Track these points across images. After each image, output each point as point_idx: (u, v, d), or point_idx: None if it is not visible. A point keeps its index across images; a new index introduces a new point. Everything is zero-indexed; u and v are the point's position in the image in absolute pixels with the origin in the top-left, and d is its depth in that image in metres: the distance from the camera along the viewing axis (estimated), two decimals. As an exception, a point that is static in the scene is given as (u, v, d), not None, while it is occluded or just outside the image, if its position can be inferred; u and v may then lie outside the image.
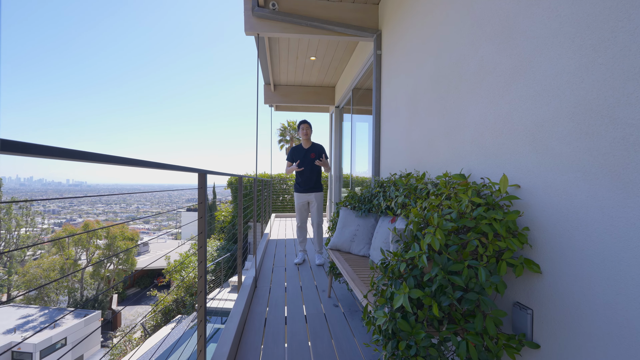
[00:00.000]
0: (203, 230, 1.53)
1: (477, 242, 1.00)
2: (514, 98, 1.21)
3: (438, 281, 0.99)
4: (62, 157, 0.60)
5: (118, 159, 0.80)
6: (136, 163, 0.92)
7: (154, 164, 1.09)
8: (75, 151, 0.64)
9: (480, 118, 1.42)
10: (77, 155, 0.64)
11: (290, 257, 4.02)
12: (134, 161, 0.89)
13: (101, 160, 0.72)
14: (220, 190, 20.92)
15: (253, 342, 1.92)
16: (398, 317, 1.06)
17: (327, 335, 2.00)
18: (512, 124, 1.21)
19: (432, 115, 1.90)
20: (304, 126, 3.48)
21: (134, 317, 17.78)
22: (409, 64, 2.29)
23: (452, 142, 1.65)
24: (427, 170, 1.96)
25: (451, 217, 1.07)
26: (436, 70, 1.86)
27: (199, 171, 1.51)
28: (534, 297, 1.09)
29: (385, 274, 1.18)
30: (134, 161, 0.89)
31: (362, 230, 2.39)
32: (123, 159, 0.83)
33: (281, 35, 2.91)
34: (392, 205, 1.85)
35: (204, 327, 1.51)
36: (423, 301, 1.03)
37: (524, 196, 1.14)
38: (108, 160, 0.75)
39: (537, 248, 1.08)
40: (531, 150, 1.11)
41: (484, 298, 0.97)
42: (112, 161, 0.77)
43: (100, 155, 0.71)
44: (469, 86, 1.51)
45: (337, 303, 2.52)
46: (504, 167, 1.26)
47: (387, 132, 2.78)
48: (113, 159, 0.77)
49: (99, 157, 0.71)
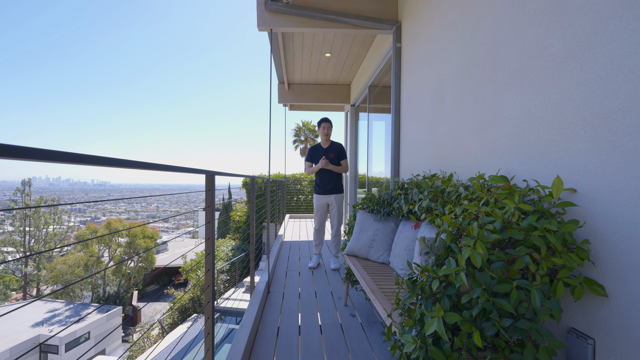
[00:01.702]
0: (211, 236, 1.42)
1: (528, 258, 0.83)
2: (567, 86, 1.02)
3: (480, 305, 0.83)
4: (64, 161, 0.60)
5: (122, 161, 0.78)
6: (142, 166, 0.89)
7: (160, 166, 1.02)
8: (78, 155, 0.63)
9: (522, 111, 1.23)
10: (80, 160, 0.63)
11: (305, 260, 3.90)
12: (140, 164, 0.88)
13: (107, 164, 0.71)
14: (236, 190, 21.13)
15: (265, 353, 1.81)
16: (430, 344, 0.90)
17: (344, 349, 1.86)
18: (566, 116, 1.03)
19: (461, 109, 1.72)
20: (325, 125, 3.33)
21: (152, 314, 18.25)
22: (433, 55, 2.11)
23: (486, 138, 1.47)
24: (454, 170, 1.78)
25: (494, 228, 0.90)
26: (466, 60, 1.68)
27: (206, 172, 1.40)
28: (597, 325, 0.90)
29: (414, 291, 1.02)
30: (140, 164, 0.88)
31: (381, 235, 2.23)
32: (128, 161, 0.81)
33: (295, 30, 2.79)
34: (416, 210, 1.68)
35: (212, 340, 1.40)
36: (461, 327, 0.86)
37: (582, 202, 0.95)
38: (113, 163, 0.74)
39: (601, 266, 0.89)
40: (592, 147, 0.93)
41: (538, 328, 0.80)
42: (117, 164, 0.76)
43: (105, 158, 0.70)
44: (508, 75, 1.32)
45: (354, 312, 2.36)
46: (554, 168, 1.07)
47: (408, 130, 2.60)
48: (118, 162, 0.75)
49: (104, 161, 0.70)
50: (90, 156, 0.67)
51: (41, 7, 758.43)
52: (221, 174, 1.56)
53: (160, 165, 1.02)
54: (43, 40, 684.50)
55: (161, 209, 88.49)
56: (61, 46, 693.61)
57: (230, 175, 1.75)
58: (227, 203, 20.45)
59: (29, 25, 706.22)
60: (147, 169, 0.94)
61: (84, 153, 0.65)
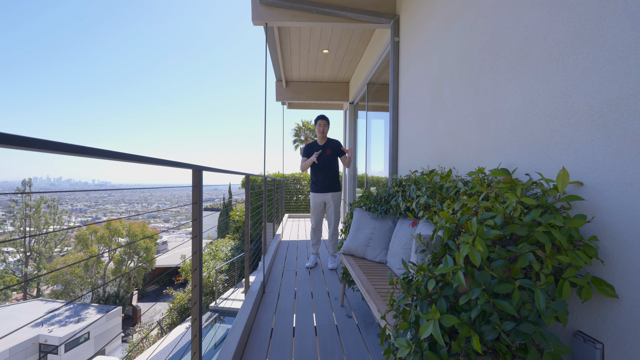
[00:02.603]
0: (198, 233, 1.36)
1: (532, 256, 0.76)
2: (573, 72, 0.96)
3: (480, 306, 0.76)
4: (52, 150, 0.60)
5: (109, 153, 0.77)
6: (128, 158, 0.86)
7: (146, 158, 0.98)
8: (69, 145, 0.63)
9: (524, 101, 1.16)
10: (70, 149, 0.64)
11: (302, 259, 3.83)
12: (127, 156, 0.86)
13: (93, 155, 0.71)
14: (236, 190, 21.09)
15: (257, 355, 1.74)
16: (425, 349, 0.84)
17: (339, 351, 1.79)
18: (571, 105, 0.96)
19: (460, 102, 1.65)
20: (321, 122, 3.27)
21: (152, 314, 18.21)
22: (432, 47, 2.04)
23: (486, 131, 1.40)
24: (454, 166, 1.71)
25: (495, 223, 0.84)
26: (465, 51, 1.61)
27: (193, 167, 1.34)
28: (606, 328, 0.84)
29: (408, 291, 0.95)
30: (127, 156, 0.86)
31: (379, 233, 2.17)
32: (116, 153, 0.80)
33: (291, 24, 2.72)
34: (413, 207, 1.62)
35: (199, 344, 1.34)
36: (459, 330, 0.80)
37: (590, 196, 0.89)
38: (100, 154, 0.73)
39: (611, 264, 0.83)
40: (600, 136, 0.86)
41: (543, 332, 0.73)
42: (104, 155, 0.75)
43: (92, 149, 0.70)
44: (509, 64, 1.25)
45: (351, 313, 2.30)
46: (558, 160, 1.00)
47: (406, 126, 2.53)
48: (104, 153, 0.75)
49: (91, 152, 0.70)
50: (79, 147, 0.66)
51: (42, 7, 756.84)
52: (209, 170, 1.50)
53: (146, 158, 0.98)
54: (44, 41, 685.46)
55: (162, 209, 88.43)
56: (62, 46, 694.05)
57: (220, 171, 1.69)
58: (227, 203, 20.40)
59: (31, 26, 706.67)
60: (133, 161, 0.90)
61: (75, 144, 0.65)
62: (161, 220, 62.87)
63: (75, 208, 74.86)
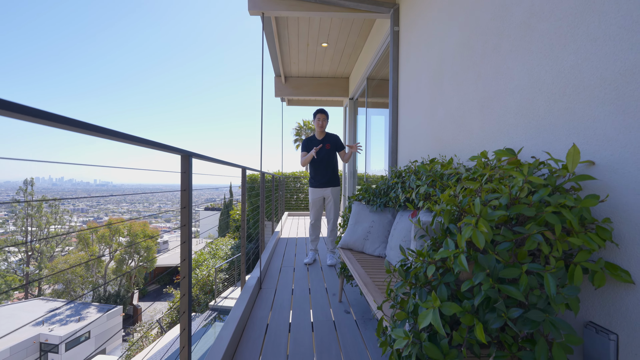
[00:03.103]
0: (187, 222, 1.30)
1: (541, 237, 0.70)
2: (583, 44, 0.89)
3: (484, 292, 0.70)
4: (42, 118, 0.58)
5: (94, 127, 0.72)
6: (114, 134, 0.81)
7: (134, 137, 0.93)
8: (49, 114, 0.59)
9: (529, 80, 1.10)
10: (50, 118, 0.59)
11: (301, 256, 3.77)
12: (112, 132, 0.80)
13: (77, 127, 0.67)
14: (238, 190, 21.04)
15: (250, 353, 1.68)
16: (424, 340, 0.77)
17: (336, 347, 1.73)
18: (581, 79, 0.89)
19: (461, 87, 1.58)
20: (320, 116, 3.19)
21: (152, 313, 18.19)
22: (433, 34, 1.98)
23: (489, 115, 1.34)
24: (455, 154, 1.65)
25: (500, 204, 0.77)
26: (467, 34, 1.54)
27: (182, 152, 1.28)
28: (620, 318, 0.77)
29: (406, 279, 0.89)
30: (112, 132, 0.80)
31: (377, 227, 2.10)
32: (101, 128, 0.75)
33: (288, 13, 2.66)
34: (413, 197, 1.55)
35: (188, 347, 1.28)
36: (461, 319, 0.73)
37: (602, 176, 0.82)
38: (84, 127, 0.69)
39: (626, 248, 0.76)
40: (613, 110, 0.80)
41: (553, 319, 0.67)
42: (88, 128, 0.70)
43: (77, 121, 0.66)
44: (513, 42, 1.19)
45: (349, 309, 2.24)
46: (567, 140, 0.94)
47: (406, 117, 2.47)
48: (90, 127, 0.70)
49: (74, 123, 0.66)
50: (65, 118, 0.63)
51: (42, 7, 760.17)
52: (200, 157, 1.43)
53: (133, 137, 0.93)
54: (44, 41, 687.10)
55: (163, 209, 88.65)
56: (62, 47, 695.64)
57: (212, 160, 1.63)
58: (228, 202, 20.37)
59: (31, 26, 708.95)
60: (120, 139, 0.86)
61: (63, 115, 0.62)
62: (162, 220, 62.97)
63: (77, 208, 75.06)
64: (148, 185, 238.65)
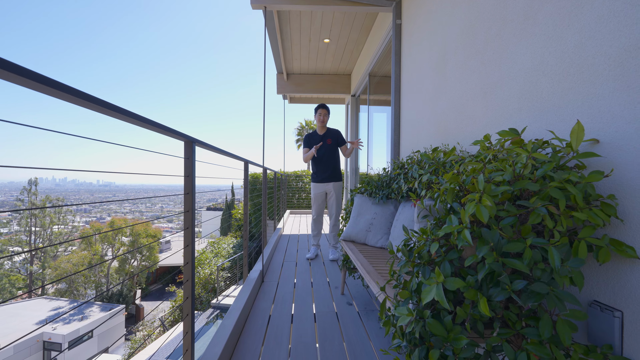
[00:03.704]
0: (190, 225, 1.29)
1: (545, 210, 0.69)
2: (587, 23, 0.89)
3: (488, 266, 0.70)
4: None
5: (100, 101, 0.73)
6: (118, 110, 0.81)
7: (139, 117, 0.93)
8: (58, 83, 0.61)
9: (533, 63, 1.10)
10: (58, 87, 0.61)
11: (303, 252, 3.77)
12: (118, 108, 0.80)
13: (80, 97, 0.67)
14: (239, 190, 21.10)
15: (252, 342, 1.68)
16: (428, 317, 0.77)
17: (339, 337, 1.73)
18: (585, 58, 0.89)
19: (464, 75, 1.58)
20: (322, 111, 3.20)
21: (155, 312, 18.25)
22: (435, 25, 1.97)
23: (493, 101, 1.33)
24: (458, 142, 1.64)
25: (503, 180, 0.77)
26: (470, 22, 1.54)
27: (186, 138, 1.29)
28: (625, 295, 0.77)
29: (410, 259, 0.89)
30: (118, 108, 0.80)
31: (380, 219, 2.10)
32: (108, 104, 0.76)
33: (290, 7, 2.67)
34: (415, 186, 1.55)
35: (191, 350, 1.28)
36: (464, 294, 0.73)
37: (607, 153, 0.82)
38: (86, 98, 0.69)
39: (631, 224, 0.76)
40: (618, 87, 0.79)
41: (558, 291, 0.66)
42: (92, 101, 0.71)
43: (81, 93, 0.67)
44: (516, 27, 1.19)
45: (351, 301, 2.23)
46: (571, 120, 0.93)
47: (409, 108, 2.47)
48: (94, 100, 0.71)
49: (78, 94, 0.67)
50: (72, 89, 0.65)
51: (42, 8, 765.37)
52: (203, 145, 1.44)
53: (140, 117, 0.93)
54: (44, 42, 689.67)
55: (165, 209, 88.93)
56: (62, 47, 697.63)
57: (216, 150, 1.63)
58: (230, 202, 20.42)
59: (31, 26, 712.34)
60: (124, 115, 0.86)
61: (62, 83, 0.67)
62: (164, 221, 63.15)
63: (80, 208, 75.49)
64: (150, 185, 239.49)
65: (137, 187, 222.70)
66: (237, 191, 22.00)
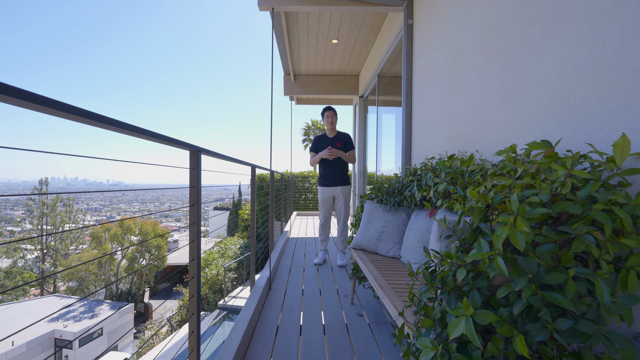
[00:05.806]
0: (195, 220, 1.25)
1: (592, 238, 0.61)
2: (631, 23, 0.80)
3: (525, 300, 0.62)
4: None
5: (103, 118, 0.70)
6: (123, 126, 0.79)
7: (143, 130, 0.90)
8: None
9: (564, 66, 1.01)
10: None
11: (310, 256, 3.71)
12: (121, 124, 0.78)
13: (87, 117, 0.65)
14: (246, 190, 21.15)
15: (261, 354, 1.63)
16: (454, 351, 0.70)
17: (349, 352, 1.66)
18: (628, 62, 0.80)
19: (483, 79, 1.49)
20: (329, 113, 3.12)
21: (163, 311, 18.45)
22: (450, 24, 1.89)
23: (516, 107, 1.25)
24: (476, 149, 1.56)
25: (540, 201, 0.69)
26: (490, 22, 1.45)
27: (191, 147, 1.24)
28: (679, 329, 0.68)
29: (432, 283, 0.82)
30: (121, 124, 0.78)
31: (391, 227, 2.02)
32: (111, 120, 0.74)
33: (298, 8, 2.60)
34: (430, 195, 1.47)
35: (197, 350, 1.23)
36: (497, 329, 0.66)
37: (656, 169, 0.73)
38: (93, 117, 0.67)
39: (687, 251, 0.67)
40: (670, 96, 0.70)
41: (608, 331, 0.59)
42: (98, 120, 0.69)
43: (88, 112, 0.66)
44: (545, 27, 1.10)
45: (361, 312, 2.16)
46: (611, 131, 0.85)
47: (421, 112, 2.38)
48: (98, 118, 0.69)
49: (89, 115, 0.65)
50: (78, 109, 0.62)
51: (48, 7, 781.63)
52: (209, 153, 1.39)
53: (142, 130, 0.89)
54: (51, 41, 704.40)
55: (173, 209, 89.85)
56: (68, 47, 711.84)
57: (222, 157, 1.58)
58: (237, 202, 20.50)
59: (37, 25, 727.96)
60: (128, 130, 0.83)
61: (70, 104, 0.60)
62: (173, 220, 63.90)
63: (91, 207, 76.90)
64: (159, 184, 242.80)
65: (146, 186, 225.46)
66: (243, 190, 22.08)
